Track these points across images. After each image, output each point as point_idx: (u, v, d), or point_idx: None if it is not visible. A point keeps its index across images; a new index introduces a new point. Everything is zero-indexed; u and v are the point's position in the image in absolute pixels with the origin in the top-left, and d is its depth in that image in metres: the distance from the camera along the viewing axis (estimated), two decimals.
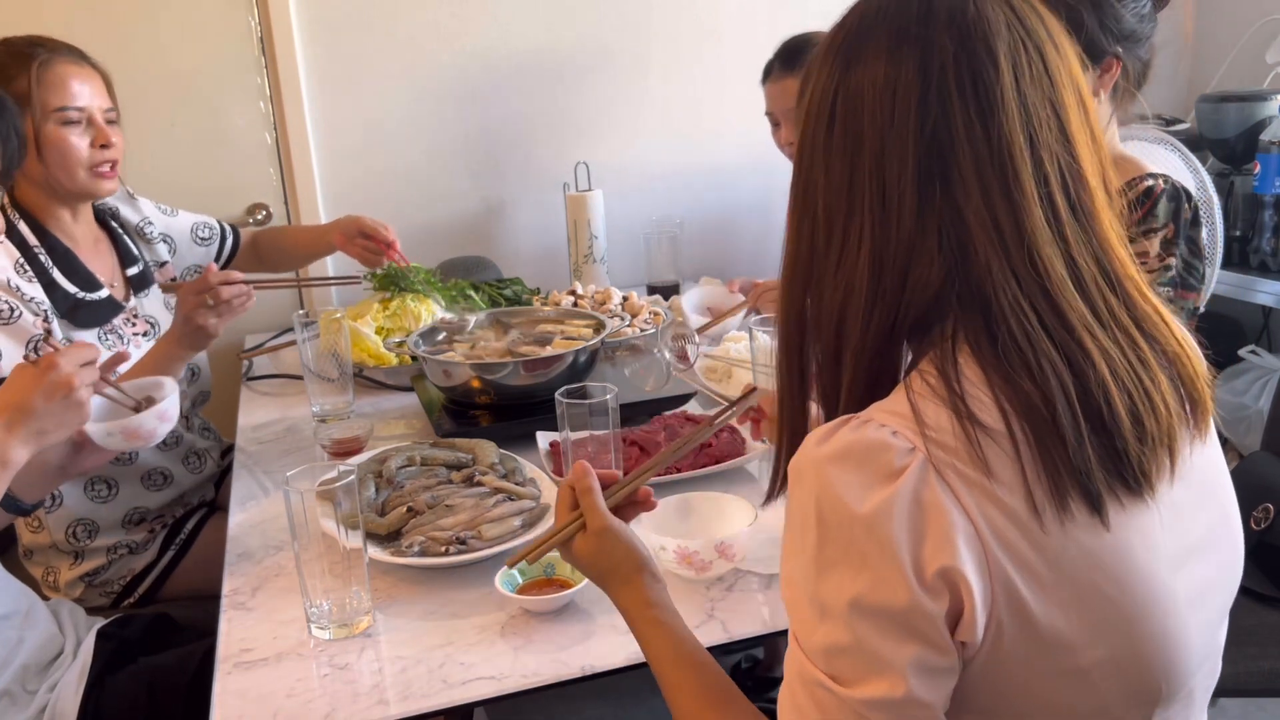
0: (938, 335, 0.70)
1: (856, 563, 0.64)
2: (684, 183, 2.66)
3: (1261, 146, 2.26)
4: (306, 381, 1.74)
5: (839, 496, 0.65)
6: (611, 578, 0.93)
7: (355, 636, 1.09)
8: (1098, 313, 0.68)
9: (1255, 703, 2.07)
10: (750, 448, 1.45)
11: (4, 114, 1.27)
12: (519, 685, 1.00)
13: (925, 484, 0.63)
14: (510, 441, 1.48)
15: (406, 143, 2.49)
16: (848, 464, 0.65)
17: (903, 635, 0.64)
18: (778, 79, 2.06)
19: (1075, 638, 0.65)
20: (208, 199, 2.36)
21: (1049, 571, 0.64)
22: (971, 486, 0.63)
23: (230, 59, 2.35)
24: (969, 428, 0.64)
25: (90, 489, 1.62)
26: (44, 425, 1.14)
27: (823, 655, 0.67)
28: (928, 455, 0.64)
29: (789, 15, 2.66)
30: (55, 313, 1.58)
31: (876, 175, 0.69)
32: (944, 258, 0.68)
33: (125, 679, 1.31)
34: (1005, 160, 0.67)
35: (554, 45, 2.54)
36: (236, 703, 1.00)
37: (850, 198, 0.70)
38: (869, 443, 0.65)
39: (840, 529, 0.65)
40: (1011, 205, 0.67)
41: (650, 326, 1.96)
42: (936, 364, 0.68)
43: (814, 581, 0.67)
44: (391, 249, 2.00)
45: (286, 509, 1.06)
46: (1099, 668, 0.66)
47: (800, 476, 0.68)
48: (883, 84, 0.68)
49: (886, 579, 0.63)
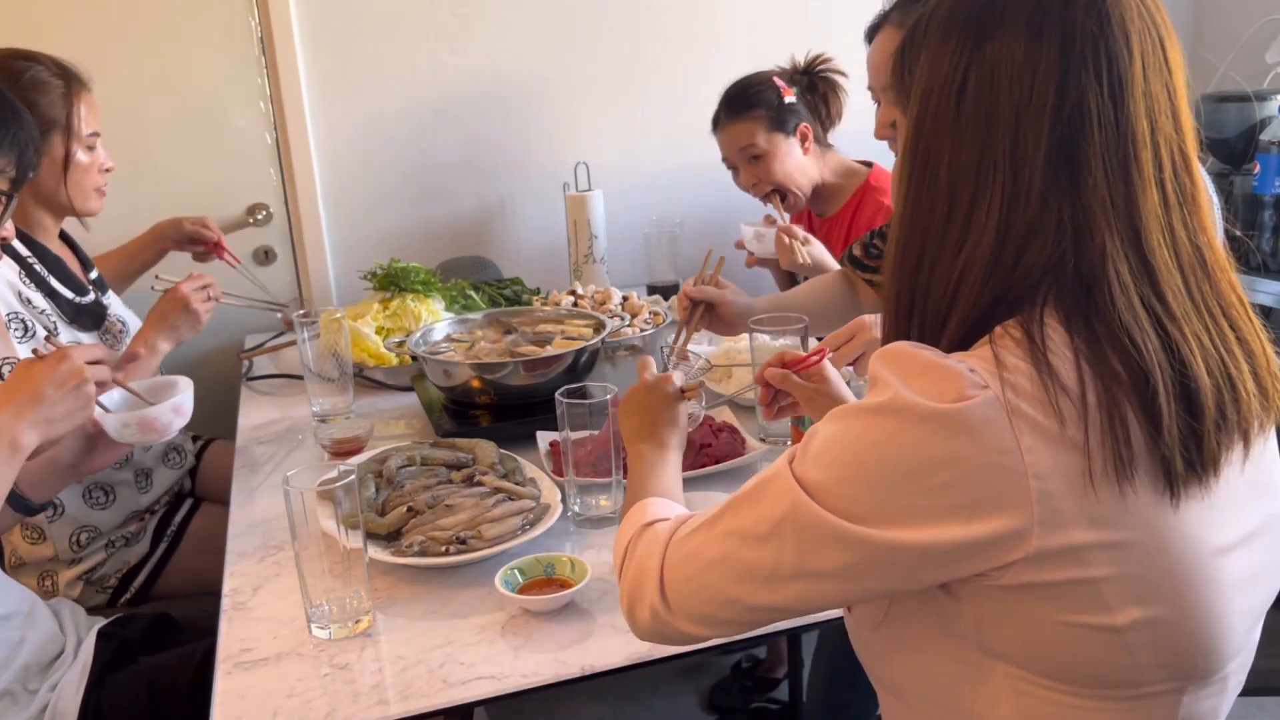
0: (1026, 304, 0.71)
1: (884, 435, 0.68)
2: (684, 183, 2.65)
3: (1261, 146, 2.26)
4: (306, 381, 1.74)
5: (904, 390, 0.67)
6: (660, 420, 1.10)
7: (355, 636, 1.09)
8: (1193, 299, 0.70)
9: (1256, 702, 2.07)
10: (750, 447, 1.45)
11: (24, 126, 1.29)
12: (519, 685, 1.00)
13: (988, 418, 0.65)
14: (510, 441, 1.48)
15: (406, 143, 2.49)
16: (925, 376, 0.68)
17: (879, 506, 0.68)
18: (725, 126, 2.09)
19: (1113, 594, 0.66)
20: (208, 199, 2.36)
21: (1101, 529, 0.65)
22: (1037, 430, 0.65)
23: (230, 59, 2.35)
24: (1046, 380, 0.66)
25: (89, 497, 1.63)
26: (53, 414, 1.17)
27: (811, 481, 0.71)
28: (1000, 396, 0.65)
29: (788, 15, 2.66)
30: (63, 318, 1.64)
31: (1010, 153, 0.69)
32: (1059, 237, 0.69)
33: (126, 678, 1.32)
34: (1129, 145, 0.69)
35: (554, 45, 2.54)
36: (236, 703, 1.00)
37: (979, 173, 0.71)
38: (947, 368, 0.67)
39: (890, 406, 0.68)
40: (1130, 190, 0.69)
41: (650, 327, 1.96)
42: (1023, 325, 0.69)
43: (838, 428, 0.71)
44: (220, 249, 2.03)
45: (286, 509, 1.06)
46: (1135, 629, 0.67)
47: (890, 358, 0.71)
48: (1023, 63, 0.69)
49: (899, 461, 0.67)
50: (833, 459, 0.70)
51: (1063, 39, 0.68)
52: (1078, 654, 0.69)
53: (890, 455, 0.67)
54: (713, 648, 1.10)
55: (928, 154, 0.74)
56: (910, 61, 0.77)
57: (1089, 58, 0.68)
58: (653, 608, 0.81)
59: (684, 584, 0.79)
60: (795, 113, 2.07)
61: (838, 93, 2.15)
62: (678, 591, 0.80)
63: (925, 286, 0.75)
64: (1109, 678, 0.69)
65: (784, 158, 2.06)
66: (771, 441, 1.51)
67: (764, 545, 0.73)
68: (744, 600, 0.75)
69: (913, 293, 0.76)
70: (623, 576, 0.87)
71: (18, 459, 1.15)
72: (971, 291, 0.72)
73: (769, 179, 2.07)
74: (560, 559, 1.16)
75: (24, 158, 1.27)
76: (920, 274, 0.75)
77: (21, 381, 1.17)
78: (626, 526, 0.93)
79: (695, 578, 0.78)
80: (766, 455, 1.46)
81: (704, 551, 0.78)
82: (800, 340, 1.49)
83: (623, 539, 0.91)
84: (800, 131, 2.07)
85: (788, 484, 0.72)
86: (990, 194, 0.70)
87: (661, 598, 0.81)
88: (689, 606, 0.79)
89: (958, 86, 0.71)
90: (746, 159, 2.08)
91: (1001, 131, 0.70)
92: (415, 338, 1.75)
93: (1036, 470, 0.65)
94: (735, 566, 0.75)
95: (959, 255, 0.72)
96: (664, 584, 0.81)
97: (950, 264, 0.73)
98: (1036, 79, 0.68)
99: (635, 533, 0.89)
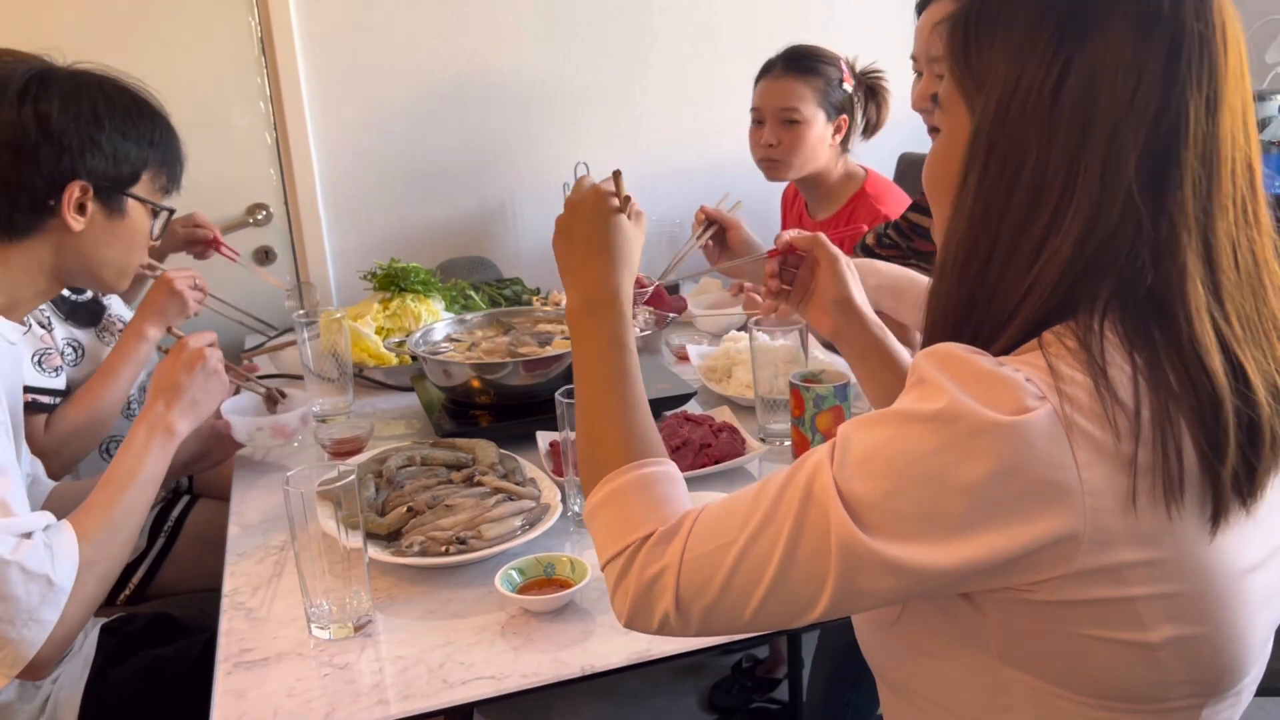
0: (1080, 311, 0.68)
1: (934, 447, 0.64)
2: (684, 183, 2.66)
3: (1261, 146, 2.26)
4: (306, 381, 1.74)
5: (961, 397, 0.64)
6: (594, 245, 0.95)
7: (355, 636, 1.09)
8: (1250, 320, 0.68)
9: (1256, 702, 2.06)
10: (750, 447, 1.45)
11: (174, 142, 1.35)
12: (519, 685, 1.00)
13: (1047, 432, 0.62)
14: (510, 441, 1.48)
15: (406, 143, 2.49)
16: (982, 384, 0.64)
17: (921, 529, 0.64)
18: (779, 78, 2.06)
19: (1149, 613, 0.65)
20: (208, 199, 2.35)
21: (1143, 548, 0.64)
22: (1093, 445, 0.63)
23: (230, 59, 2.35)
24: (1104, 394, 0.63)
25: None
26: (195, 396, 1.32)
27: (851, 496, 0.66)
28: (1058, 409, 0.63)
29: (788, 15, 2.66)
30: (59, 314, 1.66)
31: (1104, 158, 0.66)
32: (1136, 249, 0.66)
33: (127, 671, 1.33)
34: (1214, 159, 0.66)
35: (554, 45, 2.54)
36: (236, 702, 1.00)
37: (1068, 176, 0.66)
38: (1006, 377, 0.64)
39: (946, 415, 0.64)
40: (1211, 206, 0.66)
41: (650, 327, 1.96)
42: (1077, 334, 0.66)
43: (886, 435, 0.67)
44: (217, 244, 2.00)
45: (286, 509, 1.06)
46: (1168, 647, 0.66)
47: (943, 360, 0.67)
48: (1130, 65, 0.65)
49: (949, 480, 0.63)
50: (879, 469, 0.66)
51: (1171, 43, 0.65)
52: (1107, 669, 0.67)
53: (944, 467, 0.63)
54: (713, 647, 1.10)
55: (1010, 149, 0.68)
56: (981, 43, 0.71)
57: (1193, 65, 0.65)
58: (665, 621, 0.74)
59: (709, 608, 0.72)
60: (844, 102, 2.07)
61: (881, 105, 2.14)
62: (699, 613, 0.73)
63: (991, 289, 0.70)
64: (1137, 692, 0.68)
65: (814, 136, 2.05)
66: (771, 441, 1.51)
67: (806, 576, 0.68)
68: (775, 623, 0.71)
69: (974, 295, 0.71)
70: (621, 580, 0.77)
71: (172, 444, 1.28)
72: (1040, 297, 0.68)
73: (790, 147, 2.05)
74: (560, 559, 1.16)
75: (177, 170, 1.35)
76: (988, 276, 0.70)
77: (160, 380, 1.32)
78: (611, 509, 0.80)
79: (722, 602, 0.71)
80: (766, 455, 1.46)
81: (735, 577, 0.71)
82: (800, 340, 1.49)
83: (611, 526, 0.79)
84: (839, 122, 2.07)
85: (831, 505, 0.66)
86: (1077, 199, 0.66)
87: (679, 614, 0.73)
88: (712, 624, 0.73)
89: (1054, 82, 0.66)
90: (781, 119, 2.06)
91: (1098, 135, 0.65)
92: (415, 338, 1.75)
93: (1091, 487, 0.62)
94: (771, 595, 0.69)
95: (1035, 260, 0.68)
96: (681, 603, 0.73)
97: (1024, 268, 0.68)
98: (1141, 84, 0.65)
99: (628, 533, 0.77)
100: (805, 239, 1.13)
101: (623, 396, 0.87)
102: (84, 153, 1.21)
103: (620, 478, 0.81)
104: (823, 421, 1.41)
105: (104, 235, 1.26)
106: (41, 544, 1.07)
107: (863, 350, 1.09)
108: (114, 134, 1.24)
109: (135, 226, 1.29)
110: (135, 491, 1.21)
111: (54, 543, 1.09)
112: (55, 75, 1.22)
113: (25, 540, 1.06)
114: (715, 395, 1.72)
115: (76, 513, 1.17)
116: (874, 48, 2.20)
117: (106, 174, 1.23)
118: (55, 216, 1.21)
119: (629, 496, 0.80)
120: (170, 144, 1.33)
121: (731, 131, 2.64)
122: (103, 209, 1.24)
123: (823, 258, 1.11)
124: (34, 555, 1.05)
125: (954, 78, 0.73)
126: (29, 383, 1.56)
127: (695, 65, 2.64)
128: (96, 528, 1.15)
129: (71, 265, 1.26)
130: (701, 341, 2.00)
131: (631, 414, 0.86)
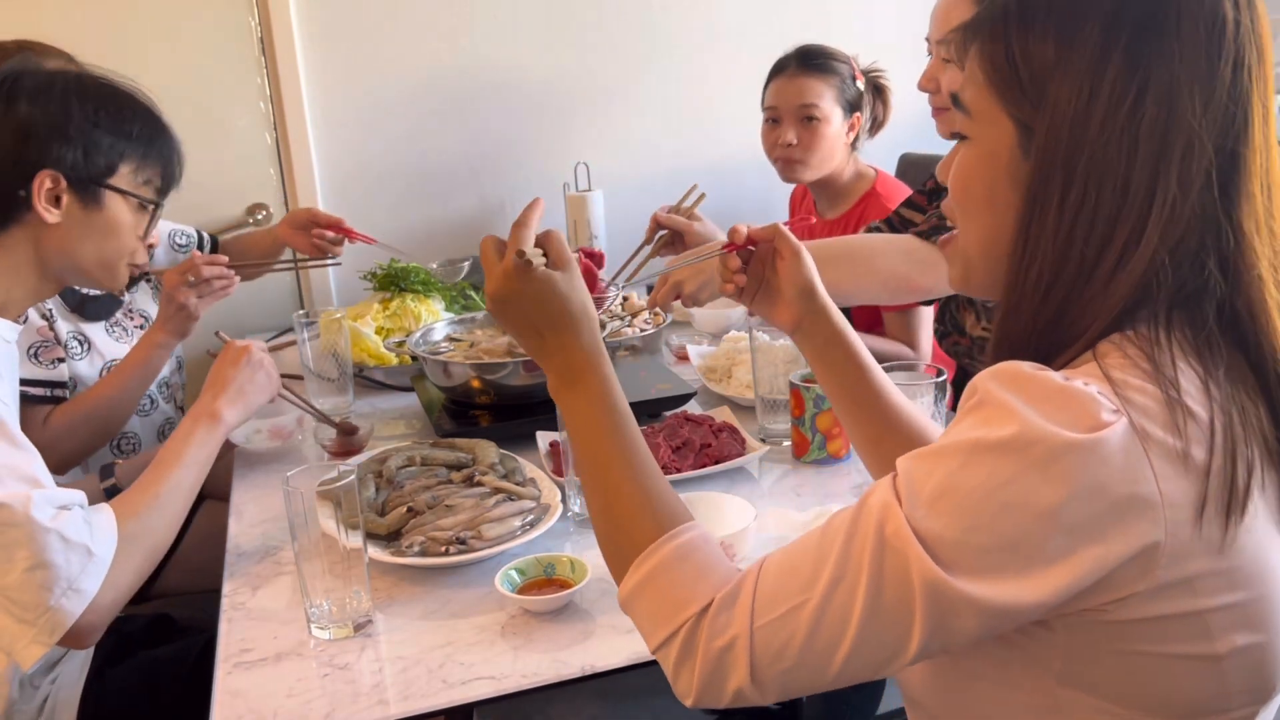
0: (1141, 322, 0.68)
1: (1009, 476, 0.61)
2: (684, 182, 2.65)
3: None
4: (306, 381, 1.74)
5: (1033, 417, 0.61)
6: (542, 324, 0.85)
7: (355, 636, 1.09)
8: None
9: None
10: (750, 447, 1.45)
11: (168, 139, 1.35)
12: (519, 685, 1.00)
13: (1125, 446, 0.61)
14: (510, 441, 1.48)
15: (406, 143, 2.49)
16: (1055, 400, 0.62)
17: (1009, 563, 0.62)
18: (795, 76, 2.05)
19: (1218, 624, 0.65)
20: (208, 199, 2.36)
21: (1213, 558, 0.64)
22: (1168, 456, 0.62)
23: (230, 59, 2.35)
24: (1175, 404, 0.63)
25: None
26: (240, 385, 1.37)
27: (929, 535, 0.63)
28: (1133, 420, 0.62)
29: (789, 16, 2.66)
30: (64, 308, 1.65)
31: (1180, 176, 0.65)
32: (1202, 258, 0.66)
33: (125, 671, 1.33)
34: (1270, 169, 0.67)
35: (554, 45, 2.54)
36: (236, 703, 1.00)
37: (1150, 188, 0.66)
38: (1079, 392, 0.62)
39: (1018, 441, 0.61)
40: (1272, 215, 0.67)
41: (650, 327, 1.96)
42: (1144, 348, 0.66)
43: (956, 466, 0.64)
44: (349, 233, 2.01)
45: (286, 509, 1.06)
46: (1233, 656, 0.66)
47: (1010, 379, 0.64)
48: (1205, 76, 0.65)
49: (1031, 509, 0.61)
50: (956, 504, 0.63)
51: (1237, 53, 0.65)
52: (1171, 684, 0.66)
53: (1024, 494, 0.61)
54: None
55: (1091, 169, 0.67)
56: (1031, 57, 0.69)
57: (1254, 76, 0.66)
58: (739, 693, 0.70)
59: (788, 673, 0.68)
60: (857, 101, 2.07)
61: (886, 104, 2.14)
62: (777, 679, 0.69)
63: (1063, 310, 0.69)
64: (1198, 705, 0.67)
65: (833, 134, 2.05)
66: (772, 442, 1.51)
67: (890, 626, 0.64)
68: (859, 677, 0.68)
69: (1047, 318, 0.69)
70: (685, 660, 0.72)
71: (218, 430, 1.31)
72: (1112, 311, 0.67)
73: (810, 146, 2.05)
74: (560, 559, 1.16)
75: (169, 168, 1.34)
76: (1072, 294, 0.69)
77: (211, 377, 1.38)
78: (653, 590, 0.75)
79: (803, 666, 0.68)
80: (766, 455, 1.46)
81: (815, 639, 0.67)
82: None
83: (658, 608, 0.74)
84: (852, 120, 2.07)
85: (910, 549, 0.63)
86: (1155, 212, 0.66)
87: (755, 684, 0.69)
88: (791, 689, 0.69)
89: (1133, 99, 0.65)
90: (800, 117, 2.05)
91: (1176, 148, 0.65)
92: (415, 338, 1.75)
93: (1170, 499, 0.61)
94: (855, 652, 0.66)
95: (1112, 281, 0.67)
96: (757, 673, 0.69)
97: (1102, 291, 0.67)
98: (1214, 95, 0.65)
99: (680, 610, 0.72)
100: (765, 230, 1.08)
101: (629, 463, 0.81)
102: (51, 142, 1.20)
103: (655, 555, 0.76)
104: (823, 421, 1.41)
105: (81, 229, 1.25)
106: (81, 517, 1.08)
107: (825, 343, 1.03)
108: (85, 124, 1.23)
109: (114, 220, 1.27)
110: (181, 472, 1.24)
111: (93, 519, 1.10)
112: (32, 68, 1.22)
113: (64, 511, 1.07)
114: (715, 395, 1.72)
115: (126, 492, 1.21)
116: (875, 48, 2.20)
117: (78, 165, 1.22)
118: (29, 209, 1.21)
119: (670, 573, 0.75)
120: (154, 138, 1.31)
121: (733, 131, 2.64)
122: (78, 201, 1.23)
123: (784, 248, 1.05)
124: (73, 525, 1.06)
125: (993, 88, 0.71)
126: (22, 375, 1.56)
127: (696, 65, 2.64)
128: (142, 503, 1.18)
129: (55, 260, 1.25)
130: (701, 341, 2.00)
131: (645, 480, 0.81)
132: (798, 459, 1.46)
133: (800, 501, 1.34)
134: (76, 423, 1.58)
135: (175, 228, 2.02)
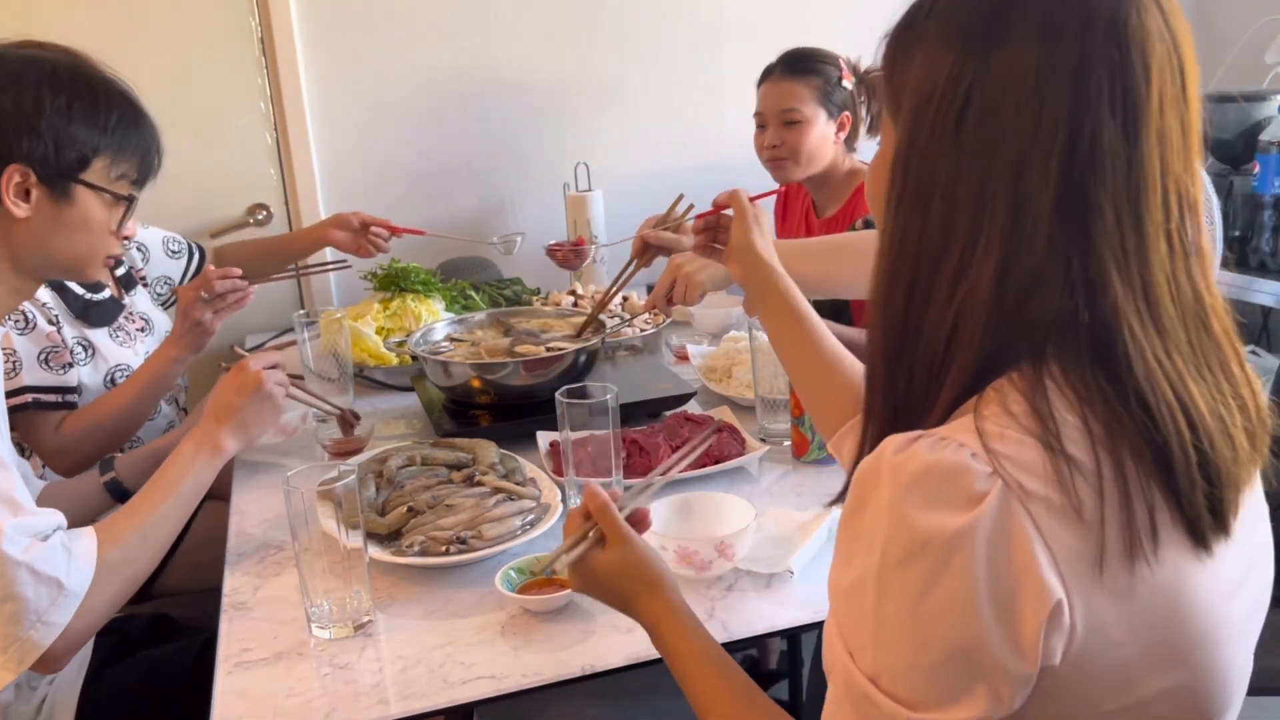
0: (1024, 360, 0.65)
1: (922, 586, 0.60)
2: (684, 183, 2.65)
3: (1261, 147, 2.26)
4: (306, 381, 1.74)
5: (916, 515, 0.60)
6: (638, 589, 0.91)
7: (355, 636, 1.09)
8: (1194, 353, 0.65)
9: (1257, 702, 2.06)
10: (750, 447, 1.45)
11: (146, 130, 1.31)
12: (519, 685, 1.00)
13: (1006, 511, 0.59)
14: (510, 441, 1.48)
15: (406, 143, 2.49)
16: (926, 484, 0.61)
17: (970, 670, 0.60)
18: (777, 81, 2.07)
19: (1142, 670, 0.63)
20: (208, 199, 2.36)
21: (1122, 604, 0.61)
22: (1053, 511, 0.60)
23: (230, 59, 2.35)
24: (1060, 462, 0.60)
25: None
26: (245, 418, 1.32)
27: (885, 674, 0.63)
28: (1009, 481, 0.59)
29: (789, 16, 2.67)
30: (69, 314, 1.66)
31: (1013, 187, 0.62)
32: (1069, 288, 0.62)
33: (124, 671, 1.33)
34: (1140, 189, 0.62)
35: (554, 45, 2.54)
36: (236, 702, 1.00)
37: (979, 205, 0.63)
38: (949, 465, 0.60)
39: (913, 547, 0.60)
40: (1140, 239, 0.63)
41: (650, 327, 1.97)
42: (1024, 393, 0.63)
43: (875, 598, 0.63)
44: (395, 230, 2.11)
45: (286, 509, 1.06)
46: (1157, 701, 0.64)
47: (875, 484, 0.63)
48: (1032, 90, 0.61)
49: (955, 606, 0.60)
50: (894, 636, 0.62)
51: (1078, 67, 0.61)
52: None
53: (946, 597, 0.59)
54: None
55: (921, 173, 0.66)
56: (902, 56, 0.68)
57: (1105, 90, 0.61)
58: None
59: None
60: (845, 100, 2.08)
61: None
62: None
63: (917, 325, 0.67)
64: None
65: (816, 135, 2.06)
66: (772, 442, 1.51)
67: None
68: None
69: (903, 330, 0.68)
70: None
71: (218, 461, 1.29)
72: (971, 338, 0.64)
73: (794, 147, 2.06)
74: None
75: (146, 160, 1.31)
76: (911, 309, 0.67)
77: (217, 396, 1.34)
78: None
79: None
80: (766, 455, 1.47)
81: None
82: None
83: None
84: (841, 120, 2.08)
85: (877, 701, 0.62)
86: (989, 230, 0.63)
87: None
88: None
89: (960, 103, 0.63)
90: (783, 121, 2.06)
91: (1004, 161, 0.62)
92: (415, 338, 1.75)
93: (1063, 555, 0.59)
94: None
95: (954, 294, 0.65)
96: None
97: (945, 303, 0.65)
98: (1045, 108, 0.61)
99: None
100: (725, 194, 1.18)
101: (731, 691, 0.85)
102: (20, 135, 1.17)
103: None
104: None
105: (53, 223, 1.21)
106: (59, 545, 1.07)
107: (766, 290, 1.13)
108: (56, 118, 1.19)
109: (86, 215, 1.23)
110: (173, 502, 1.22)
111: (73, 546, 1.09)
112: (3, 57, 1.19)
113: (41, 542, 1.05)
114: (715, 395, 1.72)
115: (114, 515, 1.19)
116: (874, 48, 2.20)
117: (48, 158, 1.19)
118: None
119: None
120: (131, 131, 1.28)
121: (733, 131, 2.64)
122: (49, 195, 1.20)
123: (734, 206, 1.17)
124: (47, 557, 1.05)
125: (886, 90, 0.71)
126: (34, 381, 1.56)
127: (697, 65, 2.64)
128: (128, 530, 1.16)
129: (29, 256, 1.21)
130: (701, 341, 2.01)
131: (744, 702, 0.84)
132: (797, 459, 1.46)
133: (800, 501, 1.34)
134: (89, 432, 1.58)
135: (168, 235, 2.03)
